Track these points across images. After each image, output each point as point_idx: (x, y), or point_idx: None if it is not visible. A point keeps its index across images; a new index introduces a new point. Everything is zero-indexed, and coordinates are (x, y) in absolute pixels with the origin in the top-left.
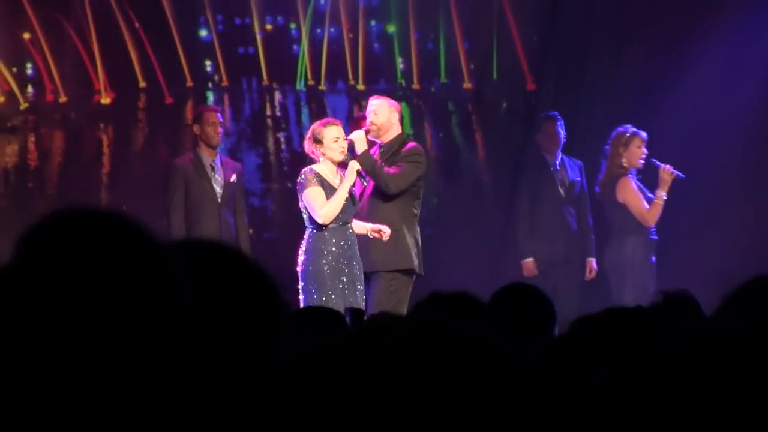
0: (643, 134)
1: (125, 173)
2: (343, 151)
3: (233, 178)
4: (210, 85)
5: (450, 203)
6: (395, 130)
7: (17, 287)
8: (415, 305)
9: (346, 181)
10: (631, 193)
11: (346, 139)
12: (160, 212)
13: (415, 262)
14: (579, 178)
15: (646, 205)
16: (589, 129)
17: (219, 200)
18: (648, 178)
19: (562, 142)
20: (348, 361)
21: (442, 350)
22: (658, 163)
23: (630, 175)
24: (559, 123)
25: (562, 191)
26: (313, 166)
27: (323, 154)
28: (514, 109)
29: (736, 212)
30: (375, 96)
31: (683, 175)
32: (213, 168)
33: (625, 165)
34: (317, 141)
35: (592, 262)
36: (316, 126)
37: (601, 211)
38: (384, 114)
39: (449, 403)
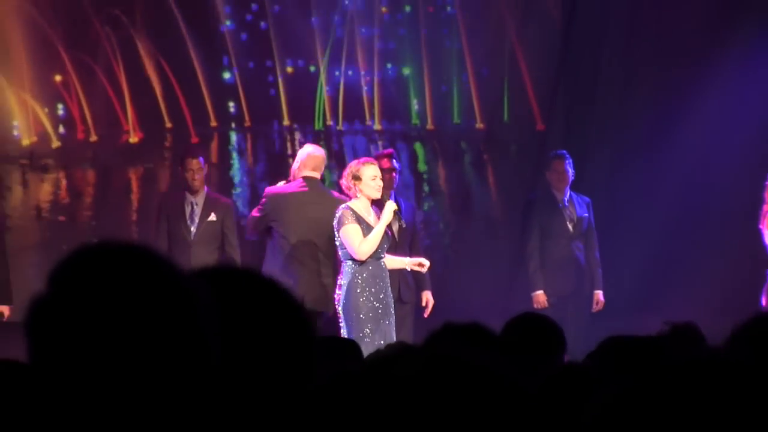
0: None
1: (152, 209)
2: (379, 189)
3: (212, 217)
4: (233, 125)
5: (462, 238)
6: None
7: (49, 317)
8: (429, 335)
9: (382, 220)
10: None
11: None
12: None
13: None
14: (587, 214)
15: None
16: (596, 167)
17: (192, 238)
18: None
19: (570, 180)
20: (364, 389)
21: (453, 380)
22: None
23: None
24: (567, 161)
25: (570, 227)
26: (349, 204)
27: (361, 191)
28: (524, 148)
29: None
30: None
31: None
32: (192, 207)
33: None
34: (356, 178)
35: (599, 294)
36: (355, 164)
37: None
38: None
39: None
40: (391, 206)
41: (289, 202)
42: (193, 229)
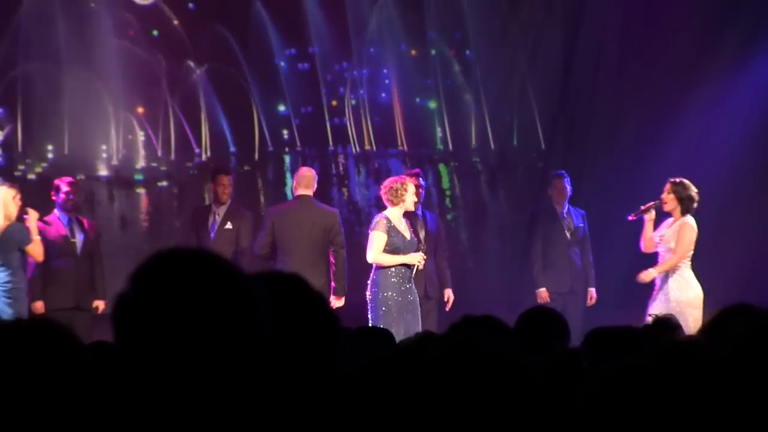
0: None
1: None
2: (416, 202)
3: (228, 225)
4: (287, 149)
5: (478, 244)
6: None
7: (130, 310)
8: (451, 326)
9: (405, 258)
10: None
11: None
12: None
13: None
14: (582, 224)
15: None
16: (591, 185)
17: (210, 242)
18: None
19: (568, 195)
20: (395, 370)
21: (471, 363)
22: None
23: None
24: (566, 179)
25: (568, 235)
26: (386, 213)
27: (403, 201)
28: (530, 168)
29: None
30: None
31: None
32: (215, 217)
33: None
34: (399, 192)
35: (593, 291)
36: (398, 178)
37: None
38: None
39: (477, 406)
40: (417, 258)
41: (284, 217)
42: (212, 234)
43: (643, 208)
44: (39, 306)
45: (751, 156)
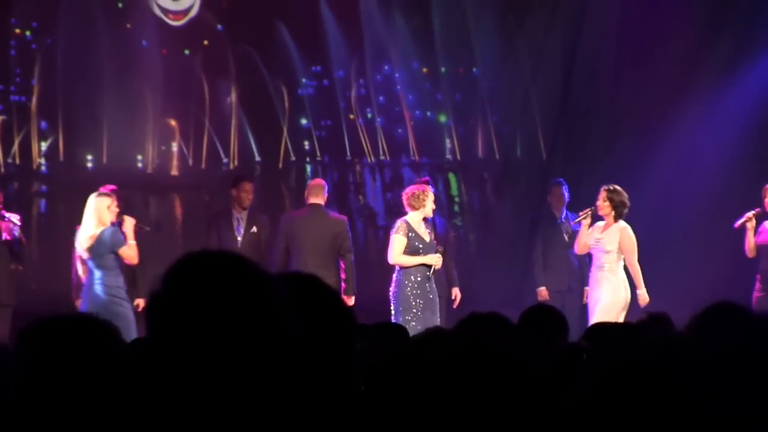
0: None
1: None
2: (434, 208)
3: (254, 229)
4: (308, 159)
5: (484, 246)
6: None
7: (162, 308)
8: (458, 322)
9: (425, 259)
10: None
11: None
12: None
13: None
14: (579, 229)
15: None
16: (588, 192)
17: (239, 246)
18: None
19: (566, 202)
20: (407, 363)
21: (477, 356)
22: None
23: None
24: (564, 187)
25: (566, 238)
26: (406, 217)
27: (423, 206)
28: (532, 177)
29: (705, 249)
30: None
31: None
32: (238, 221)
33: None
34: (419, 198)
35: (587, 290)
36: (418, 186)
37: None
38: None
39: (484, 397)
40: (435, 258)
41: (296, 224)
42: (239, 238)
43: (581, 214)
44: (79, 304)
45: (738, 163)
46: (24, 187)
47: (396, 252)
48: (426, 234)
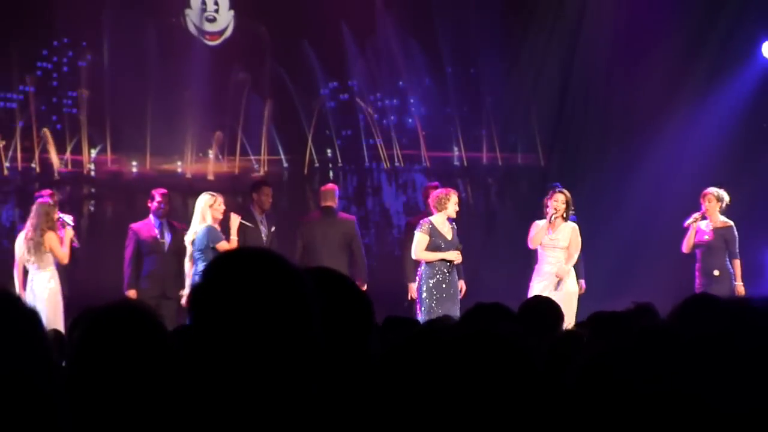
0: None
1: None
2: (457, 211)
3: (273, 228)
4: (330, 165)
5: (488, 243)
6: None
7: (202, 301)
8: (465, 312)
9: (442, 255)
10: None
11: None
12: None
13: None
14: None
15: None
16: (583, 195)
17: (265, 243)
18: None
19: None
20: (418, 349)
21: (482, 343)
22: None
23: None
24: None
25: None
26: (431, 218)
27: (446, 208)
28: (532, 181)
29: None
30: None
31: None
32: (261, 221)
33: None
34: (442, 201)
35: (582, 282)
36: (444, 190)
37: None
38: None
39: (491, 380)
40: (453, 255)
41: (311, 226)
42: (264, 237)
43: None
44: (132, 294)
45: (715, 170)
46: (75, 190)
47: (419, 248)
48: (449, 233)
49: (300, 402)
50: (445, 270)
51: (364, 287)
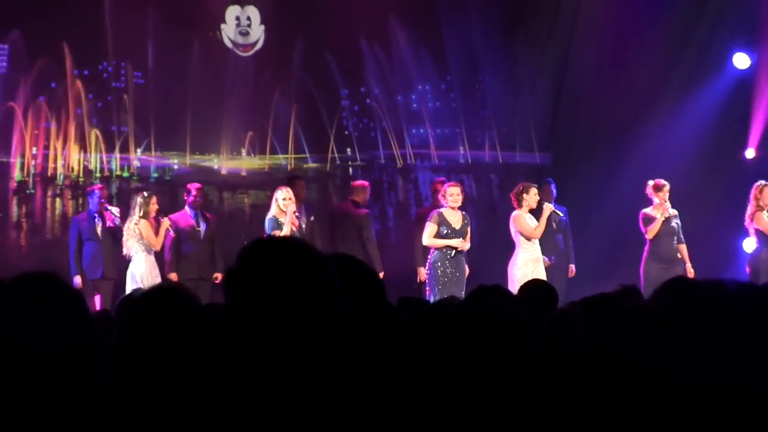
0: None
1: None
2: (458, 202)
3: (312, 218)
4: (350, 162)
5: (490, 232)
6: None
7: (236, 282)
8: (470, 293)
9: (447, 242)
10: (765, 221)
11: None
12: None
13: None
14: (565, 218)
15: None
16: (574, 188)
17: (303, 233)
18: None
19: (554, 196)
20: (428, 325)
21: (486, 320)
22: None
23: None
24: (552, 185)
25: (554, 225)
26: (441, 210)
27: (447, 201)
28: (528, 177)
29: None
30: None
31: None
32: (299, 213)
33: (761, 205)
34: (444, 195)
35: (572, 266)
36: (447, 185)
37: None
38: None
39: (495, 356)
40: (457, 242)
41: (335, 215)
42: (304, 227)
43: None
44: (173, 276)
45: (691, 168)
46: (124, 185)
47: (426, 235)
48: (458, 222)
49: (324, 366)
50: (449, 256)
51: (381, 275)
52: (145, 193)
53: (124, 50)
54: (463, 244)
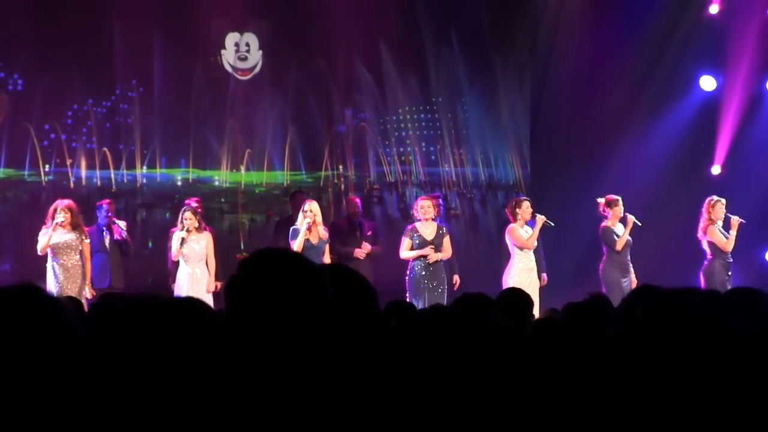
0: (723, 201)
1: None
2: (431, 216)
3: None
4: (342, 179)
5: (473, 245)
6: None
7: (237, 291)
8: (454, 300)
9: (419, 252)
10: (716, 234)
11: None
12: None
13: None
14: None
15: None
16: (551, 205)
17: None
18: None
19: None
20: (415, 331)
21: (469, 326)
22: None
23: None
24: (527, 202)
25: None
26: (415, 224)
27: (419, 214)
28: (507, 193)
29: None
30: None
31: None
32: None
33: (713, 218)
34: (418, 209)
35: (545, 276)
36: (419, 199)
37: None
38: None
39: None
40: (426, 251)
41: (336, 229)
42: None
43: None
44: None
45: (662, 182)
46: (130, 200)
47: (402, 249)
48: (430, 234)
49: (318, 370)
50: (423, 266)
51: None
52: (192, 205)
53: (132, 73)
54: (435, 254)
